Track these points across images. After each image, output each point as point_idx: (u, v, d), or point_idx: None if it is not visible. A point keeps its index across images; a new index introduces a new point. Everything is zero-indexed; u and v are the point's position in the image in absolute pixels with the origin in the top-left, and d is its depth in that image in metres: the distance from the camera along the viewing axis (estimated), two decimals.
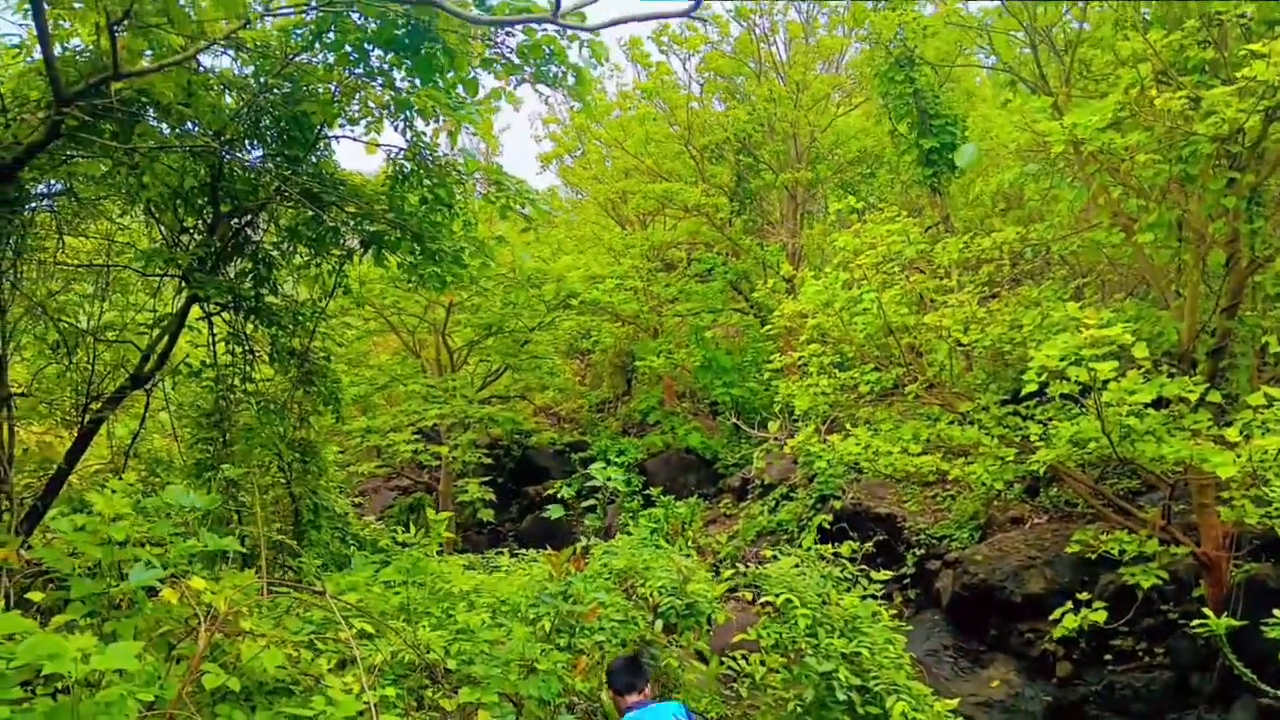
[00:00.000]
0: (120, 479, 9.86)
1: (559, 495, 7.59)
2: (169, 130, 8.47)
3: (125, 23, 6.34)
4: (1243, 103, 8.02)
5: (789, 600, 6.46)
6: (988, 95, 18.69)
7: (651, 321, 23.99)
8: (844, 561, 7.26)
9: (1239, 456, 7.82)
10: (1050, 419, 10.51)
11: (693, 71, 24.05)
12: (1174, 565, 10.64)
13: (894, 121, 16.35)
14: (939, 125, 15.98)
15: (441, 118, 9.12)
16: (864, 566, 7.37)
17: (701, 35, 22.23)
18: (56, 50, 7.24)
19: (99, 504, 4.26)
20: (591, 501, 7.22)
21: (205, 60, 8.24)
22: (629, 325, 24.48)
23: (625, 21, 2.24)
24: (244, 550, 6.75)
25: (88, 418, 8.73)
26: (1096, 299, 14.99)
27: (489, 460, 20.42)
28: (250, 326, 9.70)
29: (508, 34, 8.20)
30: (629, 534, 8.56)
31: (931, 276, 11.97)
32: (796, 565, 6.94)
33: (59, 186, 8.98)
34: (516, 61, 8.41)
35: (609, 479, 6.87)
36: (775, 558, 7.11)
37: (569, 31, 8.12)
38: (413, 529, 7.16)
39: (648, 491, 18.04)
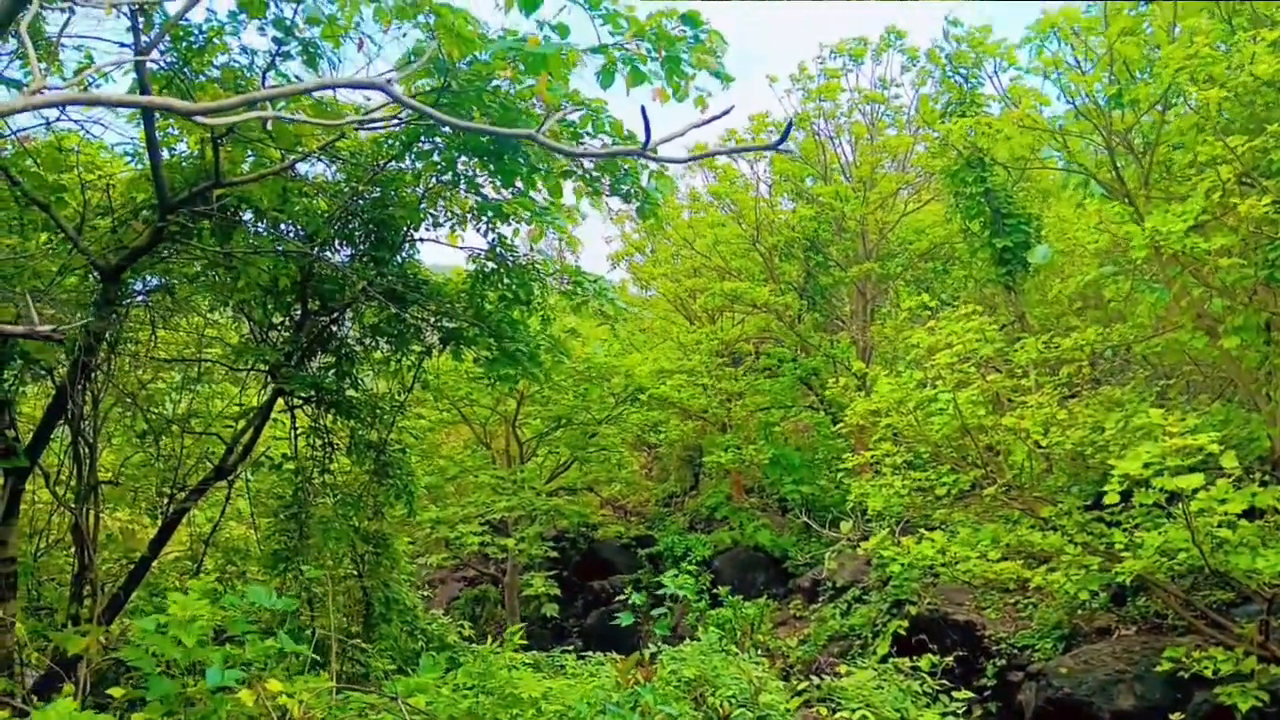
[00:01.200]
0: (199, 568, 10.08)
1: (630, 600, 7.51)
2: (264, 231, 8.89)
3: (229, 135, 6.74)
4: None
5: (866, 716, 6.24)
6: (1061, 194, 18.58)
7: (720, 416, 23.90)
8: (923, 675, 7.00)
9: None
10: (1137, 525, 10.12)
11: (760, 173, 24.44)
12: (1275, 685, 10.01)
13: (966, 220, 16.32)
14: (1012, 224, 15.90)
15: (525, 221, 9.43)
16: (944, 681, 7.09)
17: (766, 140, 22.62)
18: (163, 156, 7.70)
19: (175, 606, 4.36)
20: (662, 610, 7.11)
21: (300, 167, 8.68)
22: (697, 420, 24.43)
23: (712, 155, 2.32)
24: (317, 656, 6.80)
25: (172, 507, 8.97)
26: (1182, 400, 14.54)
27: (554, 554, 20.32)
28: (330, 419, 9.95)
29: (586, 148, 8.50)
30: (697, 638, 8.40)
31: (1009, 376, 11.77)
32: (874, 678, 6.71)
33: (155, 282, 9.43)
34: (595, 174, 8.70)
35: (681, 588, 6.79)
36: (850, 671, 6.90)
37: (642, 159, 8.39)
38: (487, 641, 7.14)
39: (715, 590, 17.72)
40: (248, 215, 8.51)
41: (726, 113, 2.16)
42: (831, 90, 22.01)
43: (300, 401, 9.55)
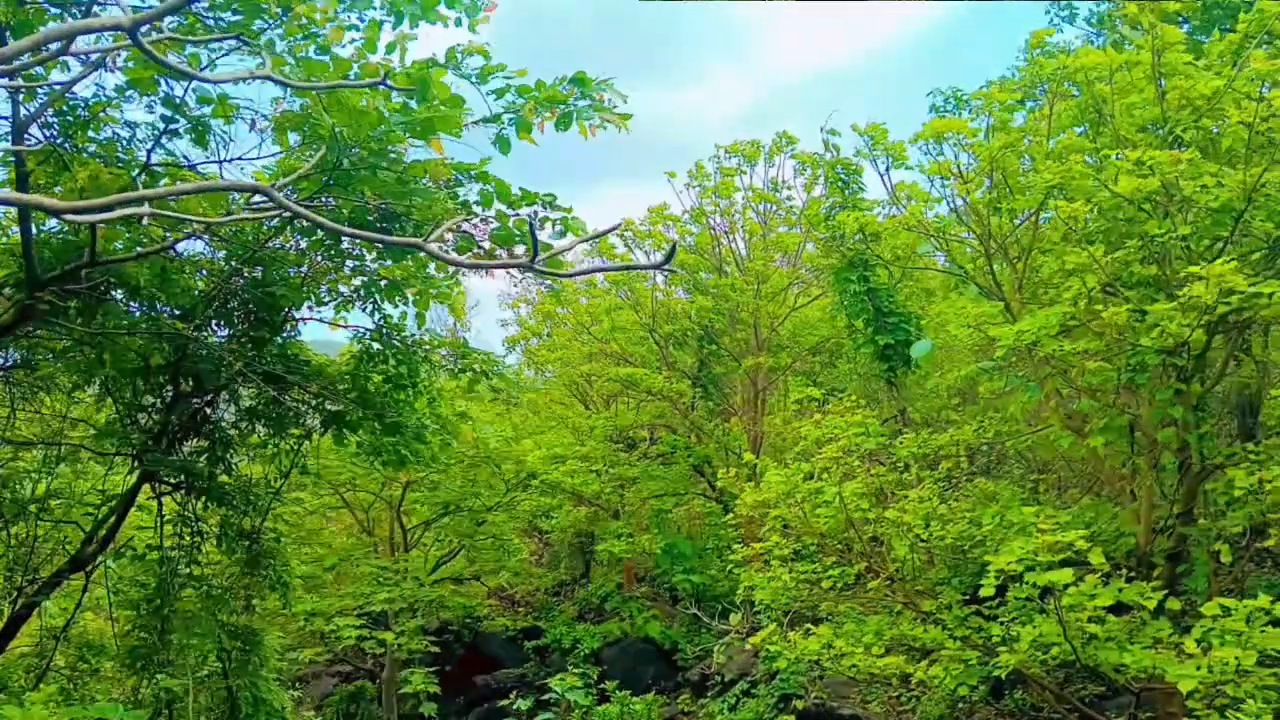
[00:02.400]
0: (48, 666, 9.34)
1: (515, 706, 7.26)
2: (138, 309, 8.52)
3: None
4: (1185, 317, 8.38)
5: None
6: (942, 292, 19.42)
7: (614, 502, 23.75)
8: None
9: (1199, 668, 7.71)
10: (1013, 619, 10.35)
11: (656, 259, 24.85)
12: None
13: (850, 318, 16.86)
14: (894, 322, 16.50)
15: (411, 298, 9.28)
16: None
17: (663, 235, 23.18)
18: (34, 230, 7.35)
19: None
20: (548, 716, 6.89)
21: (181, 244, 8.40)
22: (590, 506, 24.21)
23: (599, 271, 2.32)
24: None
25: (21, 601, 8.33)
26: (1053, 495, 15.10)
27: (436, 648, 19.57)
28: (200, 506, 9.47)
29: (482, 220, 8.47)
30: None
31: (892, 470, 12.04)
32: None
33: (14, 357, 8.91)
34: (488, 247, 8.65)
35: (570, 691, 6.59)
36: None
37: (544, 213, 8.41)
38: None
39: (603, 685, 17.36)
40: (120, 293, 8.16)
41: (615, 228, 2.18)
42: (727, 188, 22.72)
43: (169, 488, 9.08)
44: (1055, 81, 11.18)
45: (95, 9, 5.44)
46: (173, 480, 9.01)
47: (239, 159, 7.34)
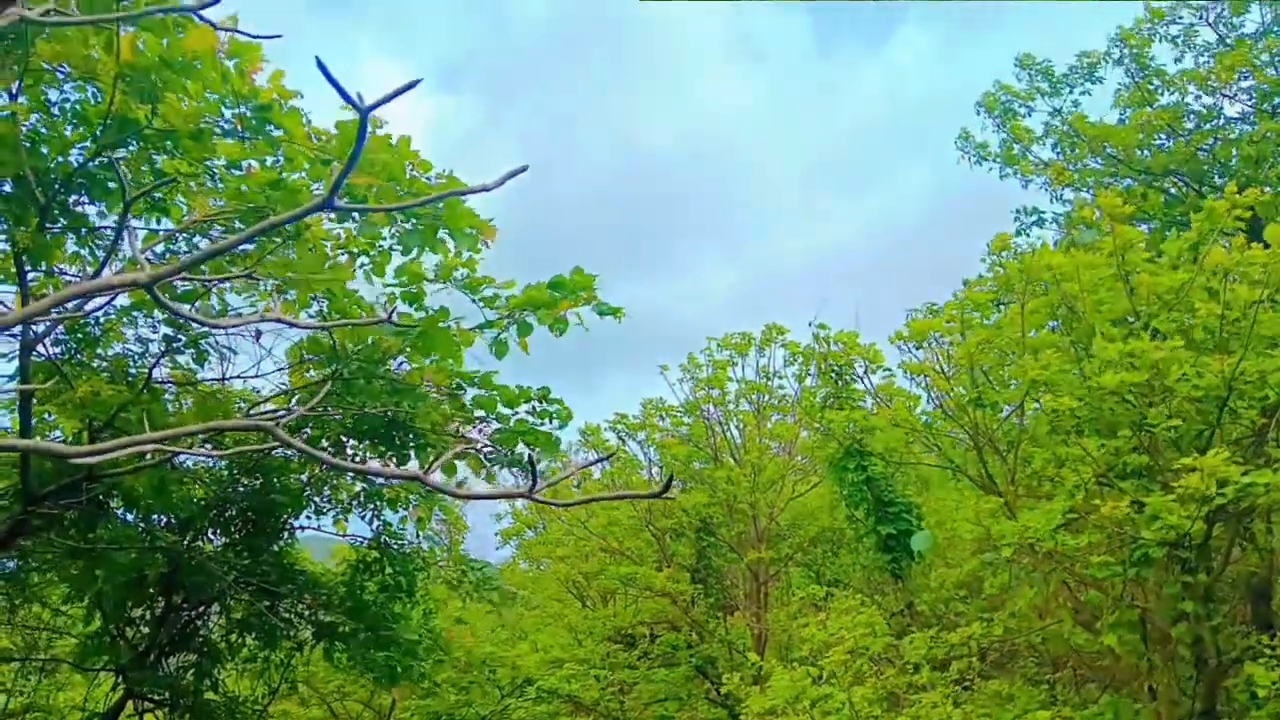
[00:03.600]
0: None
1: None
2: (134, 519, 8.49)
3: (108, 429, 6.59)
4: (1184, 509, 8.36)
5: None
6: (938, 483, 19.35)
7: (613, 709, 22.74)
8: None
9: None
10: None
11: (652, 455, 24.85)
12: None
13: (850, 508, 16.73)
14: (894, 511, 16.35)
15: (413, 502, 9.28)
16: None
17: (657, 427, 23.34)
18: (39, 440, 7.41)
19: None
20: None
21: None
22: (589, 714, 23.17)
23: (596, 501, 2.39)
24: None
25: None
26: (1070, 691, 14.54)
27: None
28: None
29: (483, 421, 8.57)
30: None
31: (901, 671, 11.65)
32: None
33: (5, 566, 8.77)
34: (490, 454, 8.72)
35: None
36: None
37: (539, 412, 8.53)
38: None
39: None
40: (117, 502, 8.15)
41: (610, 455, 2.24)
42: (719, 380, 23.10)
43: (151, 705, 8.74)
44: (1023, 282, 11.57)
45: (113, 240, 5.72)
46: (157, 697, 8.69)
47: (241, 376, 7.52)
